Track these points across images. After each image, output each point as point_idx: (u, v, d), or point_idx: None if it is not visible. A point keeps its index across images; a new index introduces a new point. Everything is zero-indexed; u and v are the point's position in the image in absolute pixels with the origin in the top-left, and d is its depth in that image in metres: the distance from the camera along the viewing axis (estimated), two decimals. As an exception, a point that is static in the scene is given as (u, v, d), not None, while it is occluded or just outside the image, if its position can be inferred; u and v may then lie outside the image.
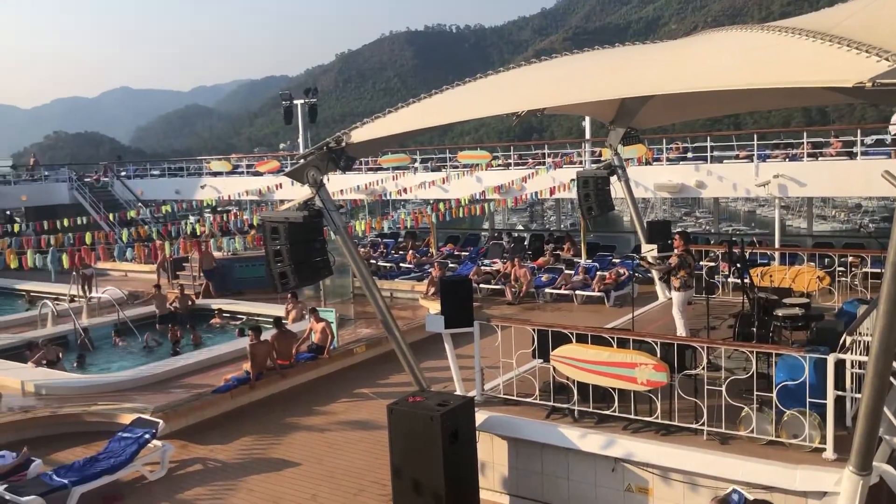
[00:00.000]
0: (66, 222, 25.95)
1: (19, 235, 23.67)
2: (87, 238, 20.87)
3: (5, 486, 9.26)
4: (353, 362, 15.00)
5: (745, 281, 10.43)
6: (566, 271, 21.17)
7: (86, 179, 37.28)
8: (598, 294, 19.48)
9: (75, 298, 20.72)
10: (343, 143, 8.57)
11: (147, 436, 10.27)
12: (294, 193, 21.36)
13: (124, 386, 13.67)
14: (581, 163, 25.01)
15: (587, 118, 25.46)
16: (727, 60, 7.29)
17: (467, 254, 25.79)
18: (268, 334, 14.05)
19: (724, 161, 21.67)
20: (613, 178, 14.80)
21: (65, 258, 16.19)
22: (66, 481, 9.25)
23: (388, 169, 28.81)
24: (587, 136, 26.75)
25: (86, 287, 20.85)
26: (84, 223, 27.15)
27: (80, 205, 34.16)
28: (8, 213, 36.43)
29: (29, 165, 41.11)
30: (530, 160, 27.59)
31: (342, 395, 13.28)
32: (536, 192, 24.76)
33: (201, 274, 22.00)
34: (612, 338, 8.58)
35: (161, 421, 10.67)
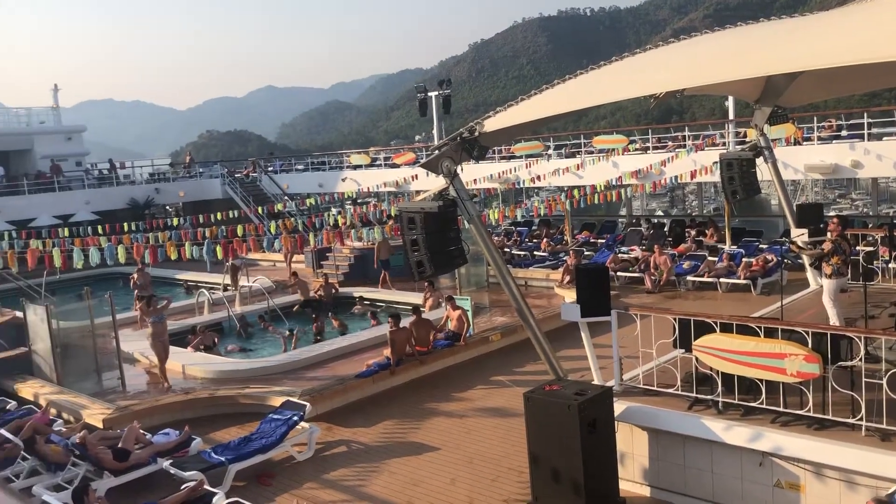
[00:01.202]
0: (219, 216, 27.66)
1: (178, 229, 25.40)
2: (239, 230, 22.13)
3: (170, 461, 10.00)
4: (489, 350, 15.11)
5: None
6: (709, 258, 20.37)
7: (236, 175, 39.41)
8: (744, 282, 18.63)
9: (227, 288, 22.01)
10: (476, 133, 8.61)
11: (295, 418, 10.78)
12: (429, 184, 21.72)
13: (274, 371, 14.42)
14: (724, 144, 24.01)
15: (730, 98, 24.39)
16: (890, 28, 6.75)
17: (604, 241, 25.32)
18: (406, 321, 14.40)
19: (884, 138, 20.13)
20: (759, 160, 14.09)
21: (218, 249, 17.24)
22: (223, 459, 9.87)
23: (521, 157, 28.74)
24: (730, 116, 25.64)
25: (235, 277, 22.10)
26: (235, 216, 28.85)
27: (232, 199, 36.17)
28: (167, 207, 39.12)
29: (185, 163, 44.01)
30: (670, 143, 26.77)
31: (478, 381, 13.42)
32: (676, 177, 24.00)
33: (376, 264, 22.52)
34: (759, 327, 8.18)
35: (308, 404, 11.16)
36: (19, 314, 15.89)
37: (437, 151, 8.76)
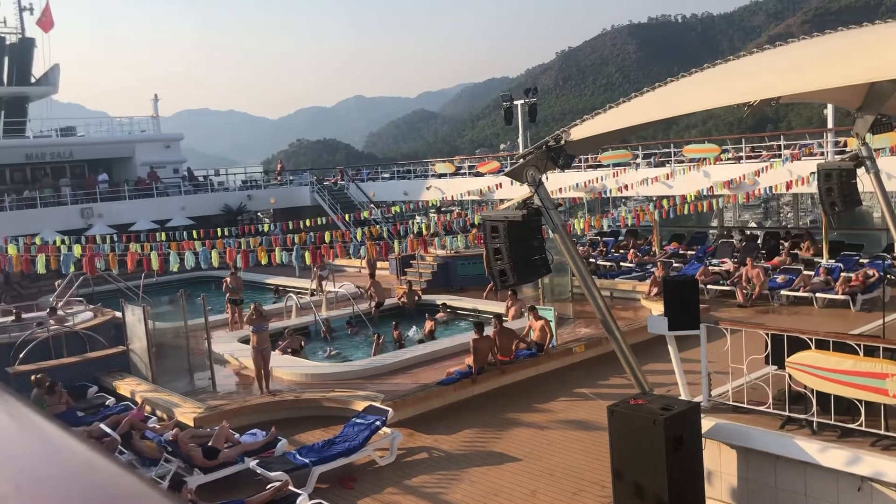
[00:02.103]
0: (307, 222, 28.30)
1: (268, 234, 26.12)
2: (326, 237, 22.59)
3: (256, 461, 10.26)
4: (572, 362, 14.92)
5: None
6: (805, 272, 19.58)
7: (324, 183, 40.27)
8: (843, 297, 17.82)
9: (314, 293, 22.47)
10: (562, 141, 8.53)
11: (378, 423, 10.89)
12: (513, 193, 21.67)
13: (357, 375, 14.62)
14: (822, 154, 23.07)
15: (829, 106, 23.46)
16: None
17: (693, 253, 24.67)
18: (489, 330, 14.37)
19: None
20: (861, 171, 13.46)
21: (307, 255, 17.63)
22: (307, 461, 10.06)
23: (608, 166, 28.35)
24: (829, 125, 24.63)
25: (321, 284, 22.54)
26: (323, 223, 29.47)
27: (320, 206, 36.96)
28: (259, 213, 40.27)
29: (276, 171, 45.25)
30: (764, 153, 25.94)
31: (561, 393, 13.26)
32: (771, 187, 23.21)
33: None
34: (859, 345, 7.80)
35: (391, 409, 11.26)
36: (118, 314, 16.63)
37: (521, 160, 8.72)
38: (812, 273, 19.38)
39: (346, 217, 34.03)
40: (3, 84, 37.46)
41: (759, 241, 24.84)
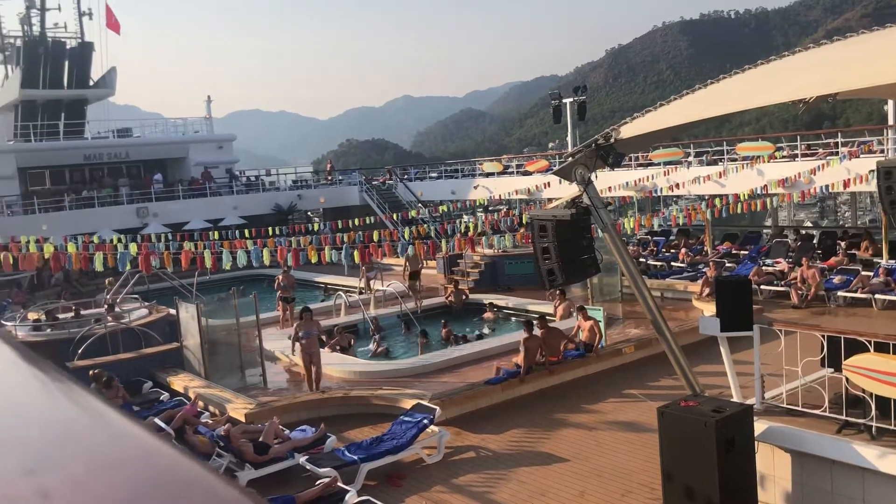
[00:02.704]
0: (356, 221, 28.55)
1: (318, 233, 26.42)
2: (375, 236, 22.76)
3: (306, 457, 10.39)
4: (622, 362, 14.77)
5: None
6: (863, 272, 19.05)
7: (373, 182, 40.57)
8: (903, 298, 17.30)
9: (363, 291, 22.67)
10: (612, 140, 8.46)
11: (426, 421, 10.93)
12: (562, 192, 21.53)
13: (405, 373, 14.71)
14: (882, 152, 22.42)
15: (890, 102, 22.78)
16: None
17: (747, 252, 24.20)
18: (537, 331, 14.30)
19: None
20: (923, 168, 13.05)
21: (356, 254, 17.78)
22: (356, 458, 10.15)
23: (659, 164, 27.99)
24: (890, 121, 23.91)
25: (369, 284, 22.74)
26: (371, 222, 29.69)
27: (369, 205, 37.25)
28: (309, 213, 40.77)
29: (326, 171, 45.76)
30: (820, 150, 25.32)
31: (610, 394, 13.14)
32: (827, 186, 22.65)
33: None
34: (920, 348, 7.57)
35: (438, 408, 11.30)
36: (173, 311, 17.01)
37: (570, 158, 8.67)
38: (871, 274, 18.84)
39: (394, 216, 34.23)
40: (63, 87, 38.61)
41: (814, 241, 24.26)
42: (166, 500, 0.47)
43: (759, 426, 8.18)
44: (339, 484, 9.28)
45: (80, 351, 15.63)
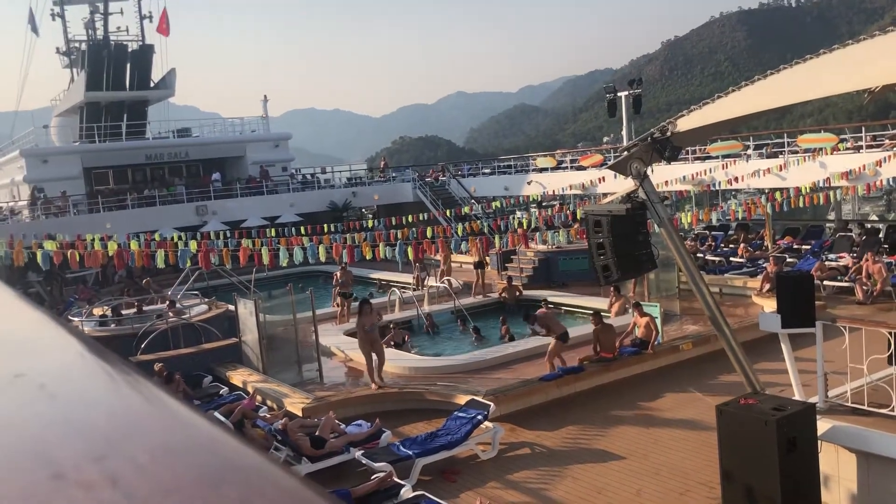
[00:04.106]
0: (409, 218, 28.71)
1: (372, 230, 26.65)
2: (428, 232, 22.86)
3: (361, 451, 10.49)
4: (679, 359, 14.53)
5: None
6: (932, 267, 18.41)
7: (426, 179, 40.71)
8: (975, 294, 16.65)
9: (416, 288, 22.79)
10: (668, 133, 8.33)
11: (480, 417, 10.93)
12: (617, 186, 21.28)
13: (460, 369, 14.73)
14: (952, 142, 21.60)
15: (961, 89, 21.90)
16: None
17: (809, 247, 23.57)
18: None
19: None
20: None
21: (409, 250, 17.88)
22: (410, 452, 10.21)
23: (717, 157, 27.47)
24: (961, 110, 23.04)
25: (422, 281, 22.86)
26: (425, 219, 29.84)
27: (422, 202, 37.38)
28: (363, 210, 41.16)
29: (380, 168, 46.09)
30: (887, 141, 24.51)
31: (667, 391, 12.94)
32: (894, 178, 21.92)
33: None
34: None
35: (492, 404, 11.28)
36: (231, 307, 17.35)
37: (626, 153, 8.57)
38: (941, 269, 18.18)
39: (448, 213, 34.30)
40: (125, 89, 39.70)
41: (880, 235, 23.48)
42: (230, 486, 0.48)
43: (823, 425, 7.97)
44: (394, 478, 9.36)
45: (142, 346, 16.05)
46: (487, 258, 24.49)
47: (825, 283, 19.11)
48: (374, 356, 13.79)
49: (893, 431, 7.82)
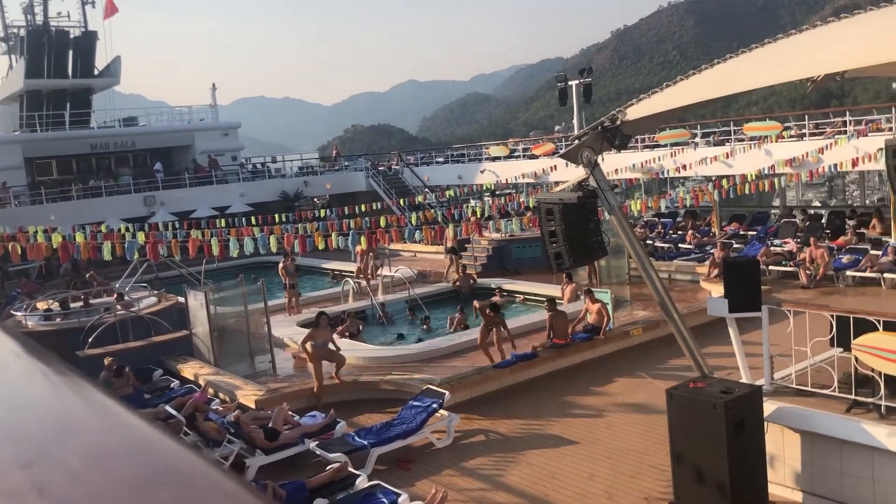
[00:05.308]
0: (363, 207, 28.54)
1: (325, 220, 26.42)
2: (381, 221, 22.74)
3: (316, 442, 10.44)
4: (630, 345, 14.77)
5: None
6: (872, 252, 18.96)
7: (379, 168, 40.51)
8: (912, 277, 17.23)
9: (363, 276, 22.66)
10: (618, 122, 8.41)
11: (435, 405, 10.96)
12: (568, 175, 21.47)
13: (414, 358, 14.73)
14: (891, 129, 22.25)
15: (898, 79, 22.60)
16: None
17: (755, 233, 24.12)
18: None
19: None
20: (932, 146, 12.95)
21: (363, 240, 17.78)
22: (365, 442, 10.20)
23: (666, 145, 27.87)
24: (898, 99, 23.74)
25: (374, 271, 22.73)
26: (378, 208, 29.70)
27: (375, 191, 37.22)
28: (315, 199, 40.79)
29: (332, 157, 45.71)
30: (829, 129, 25.16)
31: (618, 376, 13.15)
32: (836, 165, 22.53)
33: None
34: (930, 327, 7.54)
35: (447, 392, 11.32)
36: (181, 299, 17.07)
37: (577, 141, 8.63)
38: (880, 252, 18.76)
39: (401, 202, 34.20)
40: (68, 77, 38.61)
41: (823, 221, 24.15)
42: (166, 492, 0.47)
43: (769, 407, 8.18)
44: (350, 469, 9.33)
45: (90, 340, 15.70)
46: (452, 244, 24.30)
47: (770, 268, 19.58)
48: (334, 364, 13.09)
49: (835, 411, 8.06)
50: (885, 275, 17.74)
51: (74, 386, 0.67)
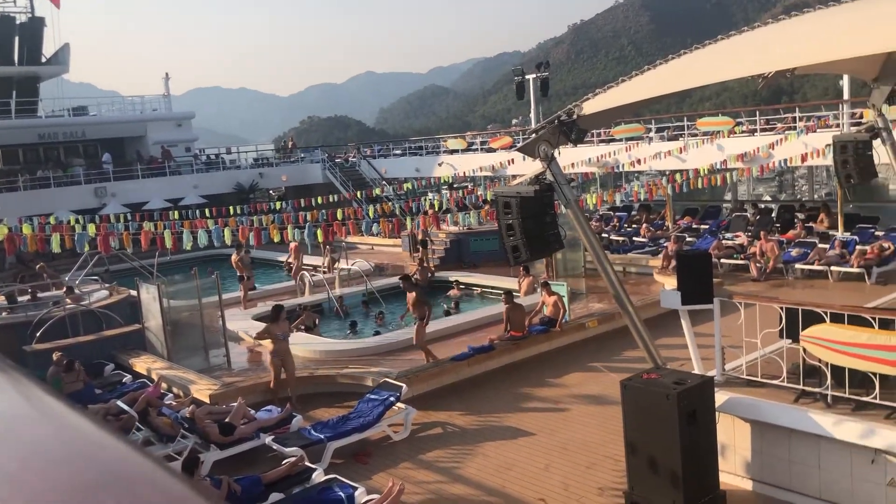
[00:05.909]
0: (319, 200, 28.32)
1: (280, 212, 26.16)
2: (339, 214, 22.60)
3: (272, 437, 10.35)
4: (585, 336, 14.92)
5: None
6: (820, 245, 19.45)
7: (336, 160, 40.21)
8: (858, 270, 17.71)
9: (325, 271, 22.55)
10: (574, 116, 8.46)
11: (392, 399, 10.95)
12: (526, 168, 21.57)
13: (371, 351, 14.69)
14: (838, 126, 22.82)
15: (845, 77, 23.16)
16: None
17: (707, 227, 24.55)
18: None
19: None
20: (877, 143, 13.29)
21: (319, 233, 17.65)
22: (322, 436, 10.14)
23: (621, 140, 28.18)
24: (845, 96, 24.34)
25: (330, 264, 22.62)
26: (335, 200, 29.49)
27: (332, 183, 36.95)
28: (271, 191, 40.34)
29: (288, 148, 45.26)
30: (779, 125, 25.70)
31: (574, 368, 13.28)
32: (786, 160, 23.01)
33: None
34: (874, 318, 7.75)
35: (404, 385, 11.31)
36: (134, 292, 16.75)
37: (534, 135, 8.66)
38: (827, 246, 19.26)
39: (358, 194, 34.00)
40: (14, 64, 37.53)
41: (773, 215, 24.69)
42: (108, 493, 0.45)
43: (720, 397, 8.34)
44: (306, 463, 9.28)
45: (38, 334, 15.33)
46: (427, 236, 24.13)
47: (722, 261, 19.94)
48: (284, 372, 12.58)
49: (784, 401, 8.25)
50: (832, 268, 18.20)
51: (16, 384, 0.65)
